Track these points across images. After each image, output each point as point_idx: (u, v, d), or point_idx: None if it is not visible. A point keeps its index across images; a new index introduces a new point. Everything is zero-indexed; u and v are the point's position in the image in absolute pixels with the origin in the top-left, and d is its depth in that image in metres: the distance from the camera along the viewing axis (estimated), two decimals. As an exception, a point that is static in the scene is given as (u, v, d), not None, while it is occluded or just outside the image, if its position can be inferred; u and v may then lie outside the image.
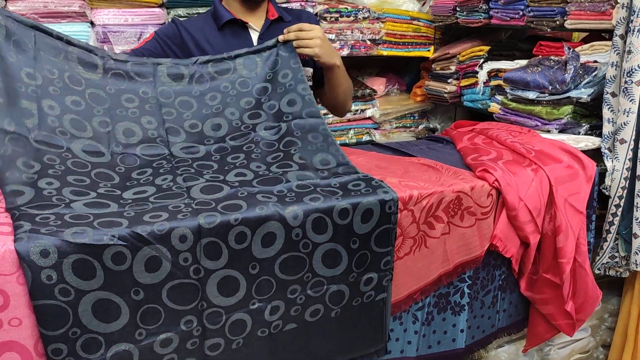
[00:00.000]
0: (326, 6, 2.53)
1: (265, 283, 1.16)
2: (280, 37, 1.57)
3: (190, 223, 1.04)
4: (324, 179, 1.28)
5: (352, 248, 1.22)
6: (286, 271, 1.17)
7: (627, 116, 1.64)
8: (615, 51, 1.67)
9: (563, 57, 1.89)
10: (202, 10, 2.33)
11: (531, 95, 1.88)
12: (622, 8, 1.63)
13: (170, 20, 1.89)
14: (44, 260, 0.93)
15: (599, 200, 1.68)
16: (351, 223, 1.20)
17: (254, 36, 1.75)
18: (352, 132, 2.80)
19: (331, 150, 1.39)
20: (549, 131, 1.83)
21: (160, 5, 2.31)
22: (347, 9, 2.57)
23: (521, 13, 2.23)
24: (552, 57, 1.96)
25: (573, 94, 1.80)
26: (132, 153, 1.33)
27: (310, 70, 1.81)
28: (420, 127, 2.95)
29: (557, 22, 2.07)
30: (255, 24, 1.75)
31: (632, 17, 1.59)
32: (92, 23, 2.21)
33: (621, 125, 1.66)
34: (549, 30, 2.11)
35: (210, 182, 1.23)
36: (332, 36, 2.55)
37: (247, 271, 1.12)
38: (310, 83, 1.83)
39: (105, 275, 0.99)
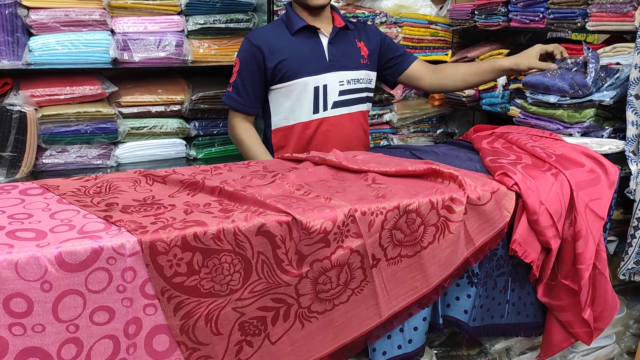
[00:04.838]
0: (343, 11, 2.53)
1: None
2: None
3: None
4: None
5: None
6: None
7: (651, 119, 1.61)
8: (638, 52, 1.64)
9: (581, 58, 1.85)
10: (219, 17, 2.36)
11: (552, 99, 1.85)
12: (645, 9, 1.61)
13: (245, 40, 2.00)
14: None
15: (623, 205, 1.65)
16: None
17: (324, 41, 2.02)
18: (369, 137, 2.78)
19: None
20: (571, 135, 1.80)
21: (179, 13, 2.33)
22: (364, 13, 2.57)
23: (541, 15, 2.21)
24: (569, 59, 1.92)
25: (595, 97, 1.77)
26: None
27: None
28: (438, 131, 2.93)
29: (578, 24, 2.04)
30: (325, 29, 2.02)
31: (655, 19, 1.57)
32: (112, 31, 2.24)
33: (645, 128, 1.63)
34: (569, 32, 2.08)
35: None
36: (350, 41, 2.54)
37: None
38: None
39: None
